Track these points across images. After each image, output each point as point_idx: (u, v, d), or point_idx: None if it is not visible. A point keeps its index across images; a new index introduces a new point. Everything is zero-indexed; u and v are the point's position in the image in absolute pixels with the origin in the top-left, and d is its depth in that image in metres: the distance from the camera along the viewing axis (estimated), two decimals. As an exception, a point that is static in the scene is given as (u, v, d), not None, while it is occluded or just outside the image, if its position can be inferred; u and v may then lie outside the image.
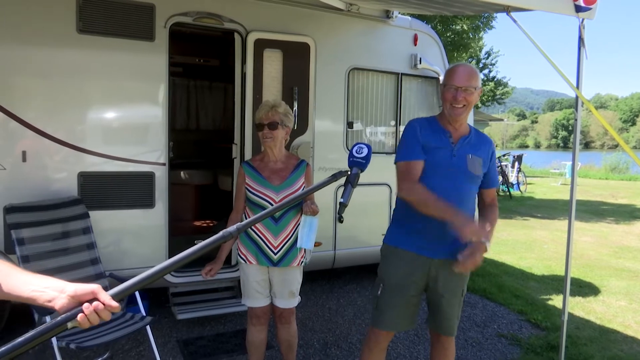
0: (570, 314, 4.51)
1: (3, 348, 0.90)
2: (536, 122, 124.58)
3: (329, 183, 1.58)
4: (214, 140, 6.14)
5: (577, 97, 3.16)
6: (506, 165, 14.97)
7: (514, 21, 2.92)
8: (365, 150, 1.76)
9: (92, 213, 3.49)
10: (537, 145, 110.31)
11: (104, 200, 3.68)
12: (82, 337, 2.76)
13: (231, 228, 1.22)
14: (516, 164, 15.43)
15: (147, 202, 3.84)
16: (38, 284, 1.08)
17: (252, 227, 2.79)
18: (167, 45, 3.86)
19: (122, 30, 3.68)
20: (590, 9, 3.02)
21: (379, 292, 2.56)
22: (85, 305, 1.02)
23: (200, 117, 6.57)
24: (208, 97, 6.56)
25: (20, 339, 0.92)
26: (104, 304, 1.03)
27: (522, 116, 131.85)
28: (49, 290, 1.06)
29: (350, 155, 1.77)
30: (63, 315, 1.01)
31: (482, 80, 27.30)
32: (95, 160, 3.65)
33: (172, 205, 4.00)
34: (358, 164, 1.73)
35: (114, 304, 1.04)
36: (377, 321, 2.58)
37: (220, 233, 1.19)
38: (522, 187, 15.31)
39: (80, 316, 1.01)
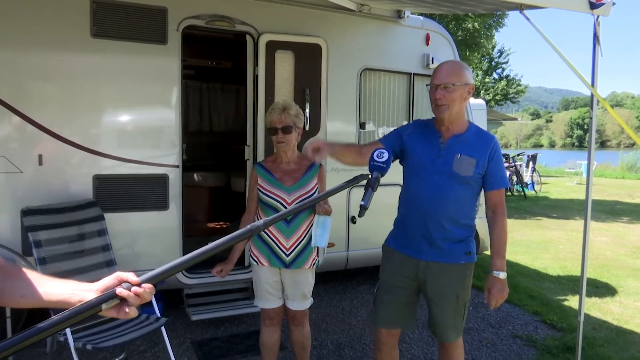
0: (587, 315, 4.46)
1: (41, 324, 0.91)
2: (550, 121, 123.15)
3: (350, 185, 1.59)
4: (226, 142, 6.17)
5: (592, 96, 3.12)
6: (520, 165, 14.85)
7: (527, 19, 2.89)
8: (385, 155, 1.79)
9: (107, 215, 3.53)
10: (552, 145, 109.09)
11: (119, 202, 3.71)
12: (98, 337, 2.79)
13: (258, 222, 1.23)
14: (530, 163, 15.30)
15: (161, 204, 3.87)
16: (66, 288, 1.12)
17: (264, 229, 2.80)
18: (179, 48, 3.88)
19: (135, 33, 3.72)
20: (603, 4, 2.99)
21: (376, 290, 2.62)
22: (123, 286, 1.04)
23: (213, 119, 6.61)
24: (221, 99, 6.60)
25: (56, 317, 0.93)
26: (133, 282, 1.04)
27: (536, 115, 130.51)
28: (76, 291, 1.10)
29: (371, 159, 1.79)
30: (97, 297, 1.02)
31: (495, 79, 27.14)
32: (110, 163, 3.68)
33: (185, 207, 4.03)
34: (379, 168, 1.76)
35: (148, 284, 1.05)
36: (373, 318, 2.62)
37: (248, 226, 1.21)
38: (536, 187, 15.15)
39: (118, 290, 1.01)
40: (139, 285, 1.05)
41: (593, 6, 2.96)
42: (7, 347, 0.87)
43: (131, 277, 1.06)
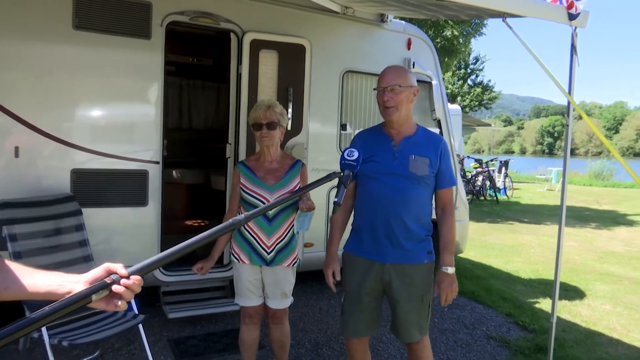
0: (557, 317, 4.59)
1: (30, 316, 0.90)
2: (522, 128, 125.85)
3: (322, 183, 1.63)
4: (206, 140, 6.12)
5: (569, 104, 3.22)
6: (493, 170, 15.14)
7: (510, 27, 2.97)
8: (356, 154, 1.86)
9: (84, 210, 3.47)
10: (523, 151, 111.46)
11: (97, 197, 3.65)
12: (74, 334, 2.75)
13: (240, 216, 1.24)
14: (503, 169, 15.61)
15: (140, 200, 3.82)
16: (53, 280, 1.10)
17: (246, 227, 2.81)
18: (163, 43, 3.85)
19: (119, 27, 3.66)
20: (580, 14, 3.08)
21: (342, 300, 2.62)
22: (107, 278, 1.03)
23: (193, 116, 6.55)
24: (200, 97, 6.54)
25: (47, 309, 0.92)
26: (123, 276, 1.04)
27: (508, 122, 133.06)
28: (65, 283, 1.08)
29: (342, 158, 1.86)
30: (88, 288, 1.01)
31: (470, 85, 27.63)
32: (89, 157, 3.62)
33: (164, 204, 3.99)
34: (349, 166, 1.83)
35: (136, 276, 1.04)
36: (342, 329, 2.64)
37: (230, 221, 1.22)
38: (508, 192, 15.47)
39: (115, 288, 1.01)
40: (127, 277, 1.05)
41: (571, 17, 3.06)
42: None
43: (120, 269, 1.06)
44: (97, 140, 3.65)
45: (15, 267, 1.17)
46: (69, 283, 1.09)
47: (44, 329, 2.68)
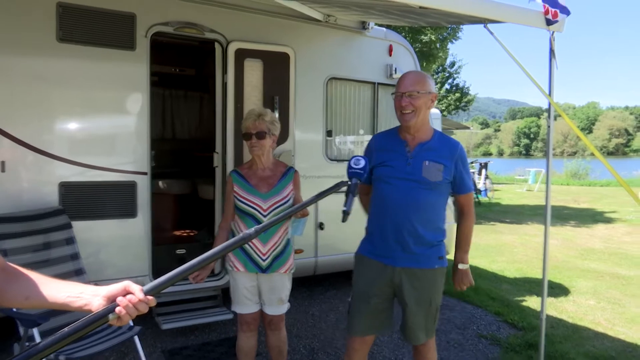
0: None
1: (51, 338, 0.92)
2: (499, 130, 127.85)
3: (330, 193, 1.64)
4: (191, 150, 6.11)
5: (549, 106, 3.32)
6: (473, 173, 15.36)
7: (491, 33, 3.06)
8: (362, 162, 1.88)
9: (74, 223, 3.44)
10: (501, 153, 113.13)
11: (86, 210, 3.63)
12: (71, 348, 2.72)
13: (249, 230, 1.27)
14: (483, 171, 15.84)
15: (129, 211, 3.81)
16: (72, 290, 1.12)
17: (256, 237, 2.83)
18: (148, 54, 3.86)
19: (103, 39, 3.66)
20: (558, 21, 3.19)
21: (350, 299, 2.66)
22: (120, 299, 1.05)
23: (176, 126, 6.52)
24: (183, 106, 6.53)
25: (66, 330, 0.94)
26: (138, 297, 1.07)
27: (485, 125, 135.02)
28: (83, 295, 1.10)
29: (349, 167, 1.87)
30: (104, 308, 1.04)
31: (447, 89, 27.97)
32: (77, 170, 3.60)
33: (153, 214, 3.98)
34: (356, 174, 1.84)
35: (150, 297, 1.08)
36: (348, 327, 2.67)
37: (241, 235, 1.24)
38: (489, 194, 15.69)
39: (118, 309, 1.04)
40: (143, 298, 1.09)
41: (549, 22, 3.16)
42: None
43: (138, 292, 1.09)
44: (84, 152, 3.63)
45: (35, 276, 1.18)
46: (87, 295, 1.11)
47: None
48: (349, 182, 1.76)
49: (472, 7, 2.93)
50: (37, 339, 2.70)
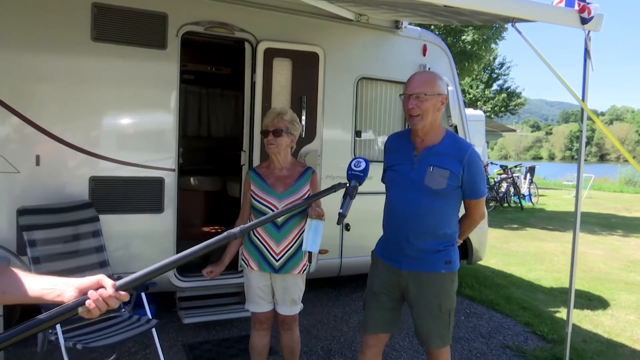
0: (577, 327, 4.49)
1: (13, 329, 0.95)
2: (550, 133, 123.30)
3: (326, 194, 1.63)
4: (224, 147, 6.21)
5: (582, 110, 3.17)
6: (518, 177, 14.89)
7: (519, 32, 2.94)
8: (363, 164, 1.84)
9: (102, 217, 3.56)
10: (552, 157, 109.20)
11: (114, 204, 3.74)
12: (88, 337, 2.82)
13: (235, 229, 1.27)
14: (528, 175, 15.34)
15: (156, 207, 3.90)
16: (47, 283, 1.15)
17: (255, 234, 2.83)
18: (179, 53, 3.93)
19: (135, 38, 3.77)
20: (594, 18, 3.03)
21: (364, 296, 2.66)
22: (91, 292, 1.08)
23: (212, 124, 6.65)
24: (219, 105, 6.65)
25: (30, 322, 0.97)
26: (109, 292, 1.09)
27: (536, 127, 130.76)
28: (57, 286, 1.13)
29: (349, 168, 1.83)
30: (73, 301, 1.07)
31: (496, 90, 27.23)
32: (107, 165, 3.72)
33: (181, 210, 4.06)
34: (356, 176, 1.81)
35: (122, 292, 1.10)
36: (363, 325, 2.66)
37: (225, 233, 1.25)
38: (533, 199, 15.18)
39: (87, 302, 1.06)
40: (114, 294, 1.11)
41: (584, 21, 3.01)
42: None
43: (109, 287, 1.11)
44: (114, 148, 3.75)
45: (20, 273, 1.22)
46: (60, 287, 1.13)
47: (59, 332, 2.76)
48: (348, 184, 1.73)
49: (498, 5, 2.82)
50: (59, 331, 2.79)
